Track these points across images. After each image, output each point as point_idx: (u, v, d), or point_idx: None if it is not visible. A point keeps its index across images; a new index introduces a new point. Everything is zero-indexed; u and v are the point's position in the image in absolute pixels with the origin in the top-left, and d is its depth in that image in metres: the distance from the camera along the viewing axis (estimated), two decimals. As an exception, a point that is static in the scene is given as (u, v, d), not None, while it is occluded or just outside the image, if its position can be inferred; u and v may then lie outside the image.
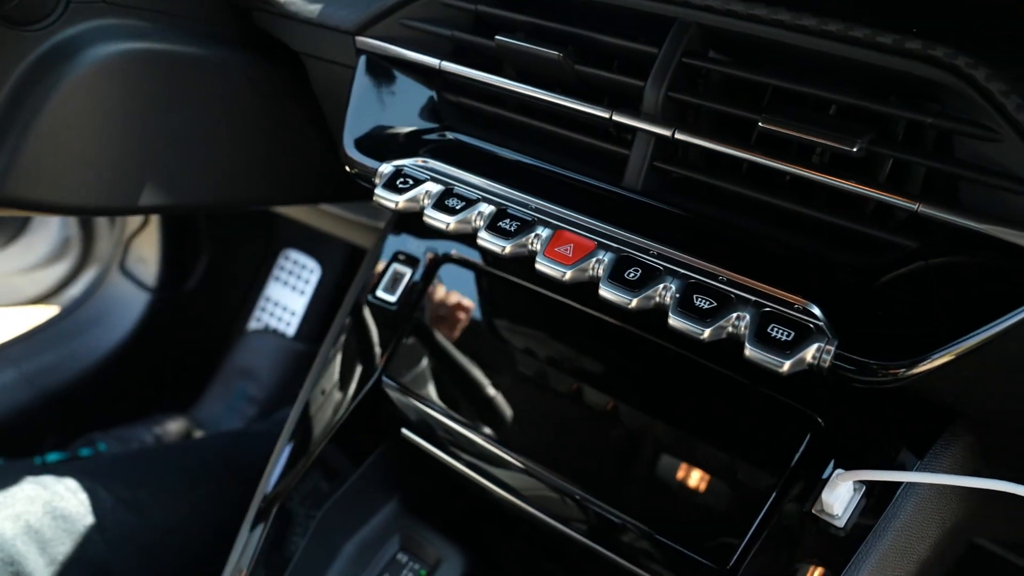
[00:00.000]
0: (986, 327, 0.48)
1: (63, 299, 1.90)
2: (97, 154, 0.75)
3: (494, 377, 0.76)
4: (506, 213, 0.60)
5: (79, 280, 1.92)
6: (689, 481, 0.67)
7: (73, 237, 1.91)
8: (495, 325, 0.79)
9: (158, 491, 0.98)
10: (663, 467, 0.67)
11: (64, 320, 1.76)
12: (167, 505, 0.97)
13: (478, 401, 0.76)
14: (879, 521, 0.60)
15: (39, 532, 0.85)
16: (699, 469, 0.66)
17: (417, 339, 0.81)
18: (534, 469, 0.71)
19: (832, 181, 0.54)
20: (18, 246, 1.90)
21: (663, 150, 0.62)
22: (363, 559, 0.87)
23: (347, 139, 0.70)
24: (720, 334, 0.52)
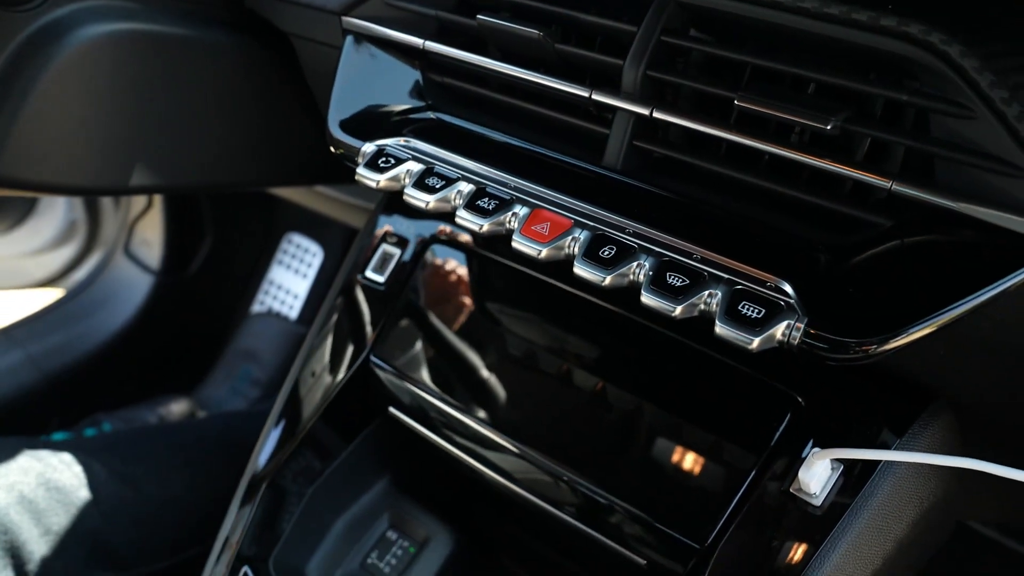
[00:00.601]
0: (957, 304, 0.48)
1: (69, 282, 1.92)
2: (87, 134, 0.75)
3: (480, 357, 0.76)
4: (485, 192, 0.61)
5: (85, 263, 1.93)
6: (671, 460, 0.67)
7: (79, 220, 1.92)
8: (483, 305, 0.79)
9: (153, 466, 0.99)
10: (646, 447, 0.68)
11: (70, 302, 1.77)
12: (161, 480, 0.98)
13: (464, 380, 0.76)
14: (856, 500, 0.60)
15: (33, 503, 0.86)
16: (681, 449, 0.67)
17: (405, 319, 0.81)
18: (517, 448, 0.72)
19: (807, 159, 0.54)
20: (25, 229, 1.92)
21: (643, 129, 0.62)
22: (353, 536, 0.88)
23: (332, 119, 0.70)
24: (692, 311, 0.53)
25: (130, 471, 0.97)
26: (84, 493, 0.91)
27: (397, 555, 0.87)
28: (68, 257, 1.94)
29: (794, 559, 0.60)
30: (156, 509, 0.97)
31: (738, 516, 0.63)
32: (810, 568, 0.60)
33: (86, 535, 0.89)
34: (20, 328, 1.70)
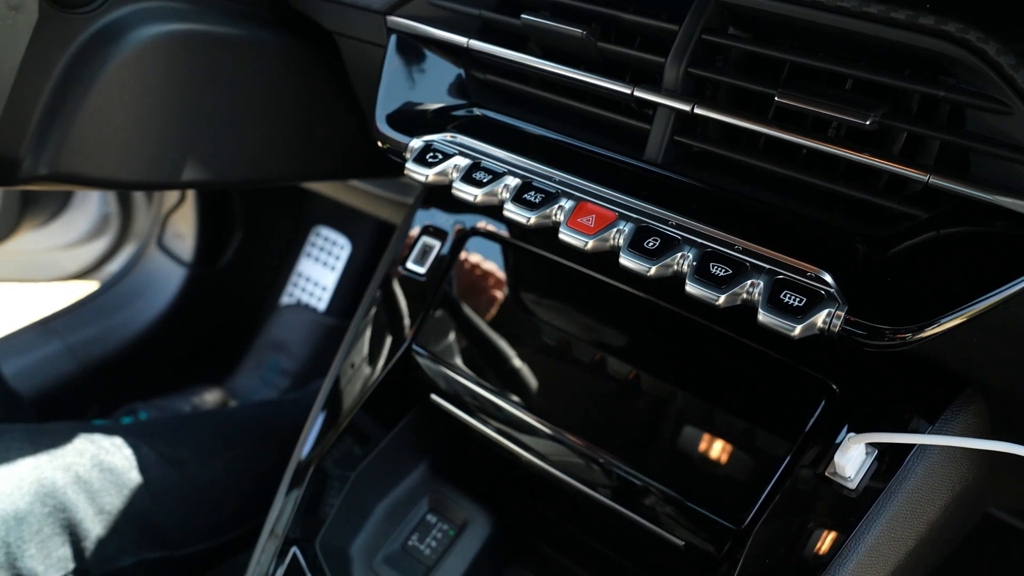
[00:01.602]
0: (992, 293, 0.50)
1: (102, 274, 1.96)
2: (143, 131, 0.78)
3: (519, 345, 0.79)
4: (531, 186, 0.63)
5: (118, 256, 1.97)
6: (707, 445, 0.69)
7: (112, 214, 1.96)
8: (520, 295, 0.81)
9: (196, 450, 1.02)
10: (682, 431, 0.70)
11: (105, 294, 1.82)
12: (204, 463, 1.02)
13: (503, 368, 0.79)
14: (890, 483, 0.62)
15: (88, 483, 0.89)
16: (717, 433, 0.69)
17: (446, 309, 0.84)
18: (557, 433, 0.74)
19: (846, 154, 0.56)
20: (59, 223, 1.96)
21: (683, 124, 0.64)
22: (394, 519, 0.91)
23: (379, 115, 0.73)
24: (735, 300, 0.55)
25: (176, 454, 1.00)
26: (135, 475, 0.94)
27: (437, 537, 0.90)
28: (101, 250, 1.98)
29: (830, 540, 0.62)
30: (200, 491, 1.01)
31: (774, 499, 0.65)
32: (845, 549, 0.62)
33: (137, 515, 0.93)
34: (58, 319, 1.74)
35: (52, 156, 0.74)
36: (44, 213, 1.93)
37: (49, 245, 2.00)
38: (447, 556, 0.88)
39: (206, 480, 1.02)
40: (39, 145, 0.74)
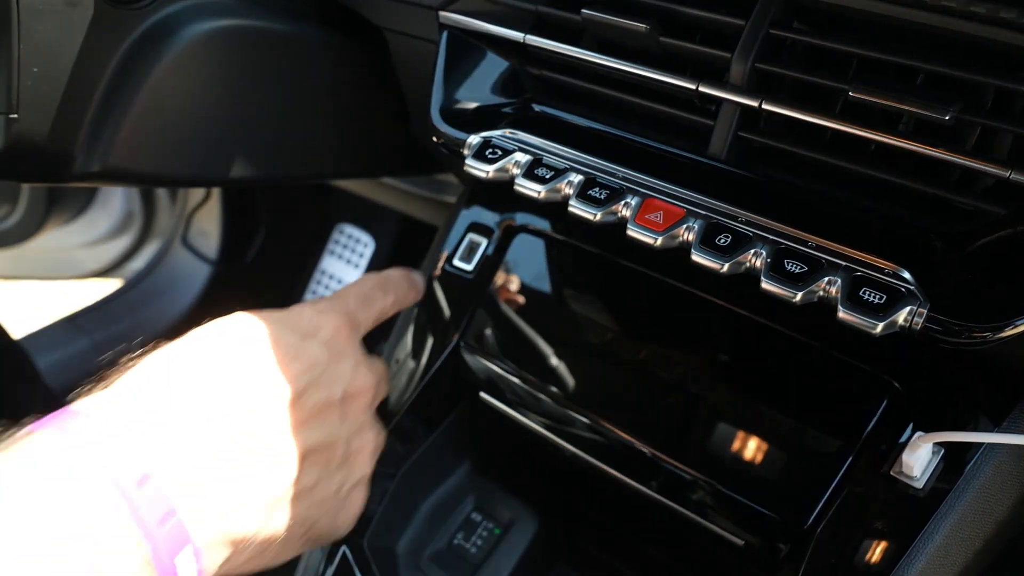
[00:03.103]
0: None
1: (125, 272, 1.96)
2: (193, 127, 0.78)
3: (569, 342, 0.78)
4: (595, 182, 0.62)
5: (140, 254, 1.97)
6: (765, 443, 0.69)
7: (135, 212, 1.96)
8: (568, 292, 0.81)
9: None
10: (739, 429, 0.69)
11: (131, 291, 1.82)
12: None
13: (555, 365, 0.78)
14: (958, 483, 0.61)
15: None
16: (775, 431, 0.68)
17: (493, 306, 0.83)
18: (612, 430, 0.74)
19: (923, 149, 0.55)
20: (83, 220, 1.97)
21: (747, 120, 0.63)
22: (439, 518, 0.90)
23: (434, 112, 0.72)
24: (812, 298, 0.54)
25: None
26: None
27: (483, 536, 0.89)
28: (123, 248, 1.99)
29: (897, 540, 0.62)
30: None
31: (837, 498, 0.65)
32: (914, 549, 0.61)
33: None
34: (84, 316, 1.74)
35: (104, 153, 0.74)
36: (69, 211, 1.93)
37: (72, 243, 2.01)
38: (493, 555, 0.88)
39: None
40: (92, 142, 0.73)
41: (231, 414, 0.51)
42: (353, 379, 0.61)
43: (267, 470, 0.53)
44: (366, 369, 0.64)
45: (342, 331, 0.63)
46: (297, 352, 0.57)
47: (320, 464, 0.58)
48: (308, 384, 0.57)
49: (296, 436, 0.55)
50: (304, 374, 0.57)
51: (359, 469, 0.64)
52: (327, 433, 0.58)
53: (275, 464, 0.53)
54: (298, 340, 0.58)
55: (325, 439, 0.58)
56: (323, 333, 0.61)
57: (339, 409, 0.60)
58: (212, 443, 0.50)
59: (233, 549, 0.51)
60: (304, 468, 0.55)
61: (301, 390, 0.56)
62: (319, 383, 0.58)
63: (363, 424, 0.64)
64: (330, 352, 0.60)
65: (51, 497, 0.43)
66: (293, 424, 0.55)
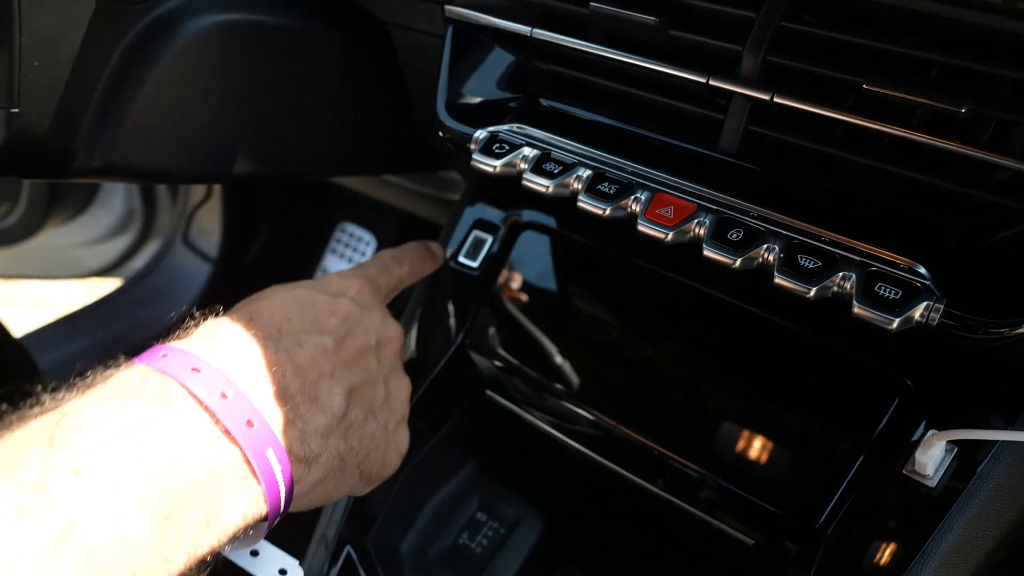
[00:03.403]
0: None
1: (125, 271, 1.96)
2: (196, 123, 0.77)
3: (576, 339, 0.77)
4: (604, 176, 0.61)
5: (141, 253, 1.97)
6: (776, 442, 0.68)
7: (136, 210, 1.96)
8: (575, 289, 0.80)
9: None
10: (750, 428, 0.69)
11: (131, 290, 1.81)
12: None
13: (561, 363, 0.77)
14: (972, 481, 0.61)
15: None
16: (786, 430, 0.68)
17: (499, 303, 0.82)
18: (620, 428, 0.73)
19: (938, 143, 0.54)
20: (84, 219, 1.96)
21: (758, 113, 0.63)
22: (444, 518, 0.89)
23: (440, 107, 0.71)
24: (826, 293, 0.53)
25: None
26: None
27: (488, 536, 0.88)
28: (124, 246, 1.98)
29: (910, 539, 0.61)
30: None
31: (849, 497, 0.64)
32: (928, 548, 0.60)
33: None
34: (85, 315, 1.74)
35: (106, 148, 0.73)
36: (69, 209, 1.92)
37: (73, 241, 2.00)
38: (499, 555, 0.87)
39: None
40: (94, 137, 0.73)
41: (288, 356, 0.58)
42: (383, 328, 0.69)
43: (323, 402, 0.59)
44: (392, 321, 0.72)
45: (367, 290, 0.71)
46: (333, 307, 0.64)
47: (366, 401, 0.65)
48: (346, 333, 0.64)
49: (343, 376, 0.62)
50: (342, 325, 0.64)
51: (399, 408, 0.71)
52: (369, 375, 0.65)
53: (328, 398, 0.60)
54: (331, 299, 0.66)
55: (367, 379, 0.65)
56: (351, 292, 0.69)
57: (375, 354, 0.67)
58: (275, 375, 0.56)
59: (303, 468, 0.57)
60: (352, 404, 0.62)
61: (341, 338, 0.63)
62: (355, 331, 0.65)
63: (396, 368, 0.71)
64: (360, 306, 0.67)
65: (159, 422, 0.49)
66: (340, 365, 0.62)
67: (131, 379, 0.52)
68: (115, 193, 1.93)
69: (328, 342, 0.61)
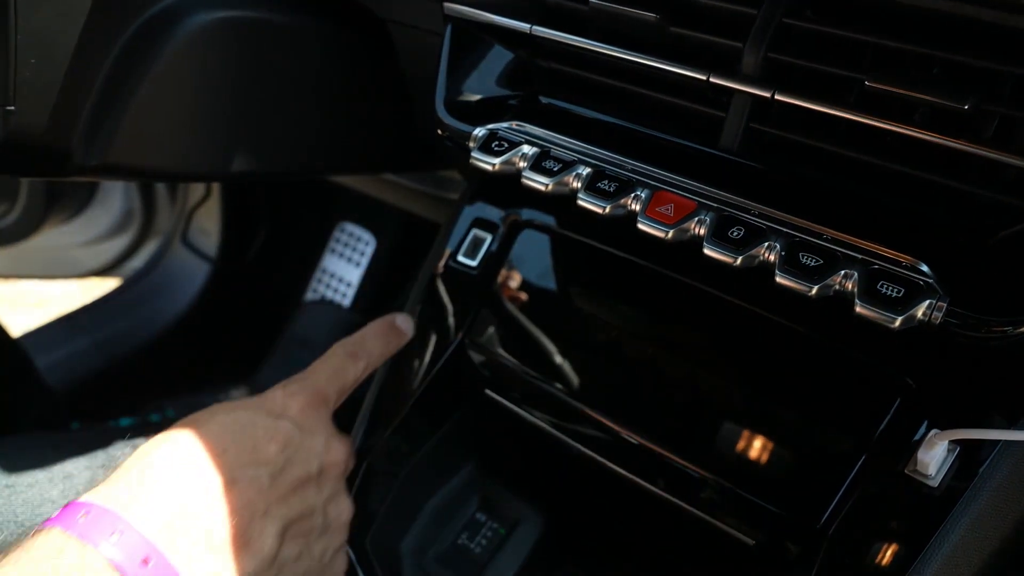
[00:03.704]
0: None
1: (124, 271, 1.96)
2: (195, 121, 0.77)
3: (576, 338, 0.77)
4: (604, 174, 0.61)
5: (140, 252, 1.96)
6: (776, 442, 0.67)
7: (135, 210, 1.95)
8: (575, 287, 0.80)
9: None
10: (750, 428, 0.68)
11: (130, 290, 1.81)
12: None
13: (561, 362, 0.77)
14: (974, 481, 0.60)
15: None
16: (786, 430, 0.67)
17: (499, 302, 0.82)
18: (619, 427, 0.73)
19: (941, 140, 0.54)
20: (82, 219, 1.96)
21: (759, 111, 0.62)
22: (443, 518, 0.89)
23: (439, 105, 0.71)
24: (827, 292, 0.53)
25: None
26: None
27: (487, 536, 0.88)
28: (123, 246, 1.97)
29: (912, 540, 0.60)
30: None
31: (851, 497, 0.63)
32: (930, 548, 0.60)
33: None
34: (84, 314, 1.73)
35: (104, 147, 0.73)
36: (68, 209, 1.92)
37: (72, 241, 2.00)
38: (499, 555, 0.87)
39: None
40: (91, 135, 0.72)
41: (220, 499, 0.56)
42: (326, 452, 0.67)
43: (254, 546, 0.57)
44: (337, 442, 0.69)
45: (311, 407, 0.67)
46: (273, 433, 0.62)
47: (302, 535, 0.62)
48: (286, 462, 0.62)
49: (279, 513, 0.59)
50: (281, 453, 0.62)
51: (337, 537, 0.69)
52: (306, 506, 0.63)
53: (260, 540, 0.57)
54: (272, 421, 0.63)
55: (304, 511, 0.62)
56: (293, 411, 0.66)
57: (315, 482, 0.65)
58: (204, 524, 0.54)
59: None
60: (286, 541, 0.60)
61: (280, 469, 0.61)
62: (294, 460, 0.62)
63: (337, 493, 0.69)
64: (302, 430, 0.65)
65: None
66: (276, 500, 0.60)
67: (48, 549, 0.49)
68: (113, 193, 1.93)
69: (264, 477, 0.59)
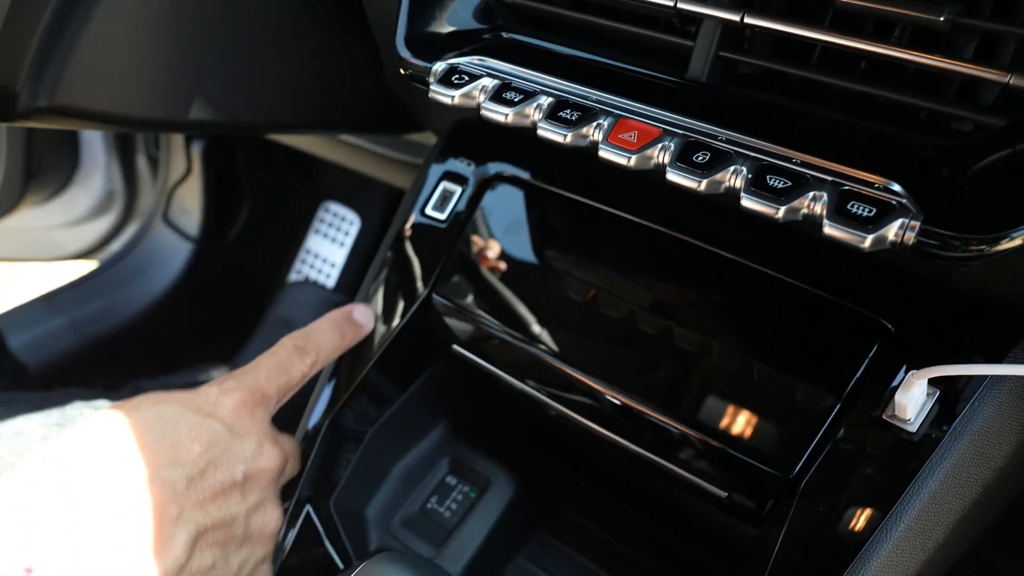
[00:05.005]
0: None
1: (106, 254, 1.92)
2: (147, 62, 0.74)
3: (546, 291, 0.74)
4: (567, 103, 0.58)
5: (122, 235, 1.93)
6: (750, 391, 0.65)
7: (117, 191, 1.92)
8: (546, 240, 0.77)
9: None
10: (723, 377, 0.65)
11: (110, 269, 1.78)
12: None
13: (529, 315, 0.74)
14: (954, 425, 0.57)
15: None
16: (760, 379, 0.64)
17: (467, 256, 0.79)
18: (588, 381, 0.70)
19: (917, 58, 0.51)
20: (62, 199, 1.92)
21: (729, 38, 0.59)
22: (412, 481, 0.86)
23: (399, 41, 0.68)
24: (795, 215, 0.50)
25: None
26: None
27: (457, 500, 0.85)
28: (105, 229, 1.94)
29: (889, 487, 0.58)
30: None
31: (826, 445, 0.61)
32: (907, 496, 0.57)
33: None
34: (62, 295, 1.70)
35: (52, 86, 0.70)
36: (47, 189, 1.89)
37: (51, 223, 1.96)
38: (468, 519, 0.84)
39: None
40: (38, 75, 0.69)
41: (130, 500, 0.52)
42: (256, 458, 0.62)
43: (162, 553, 0.53)
44: (271, 447, 0.64)
45: (245, 407, 0.63)
46: (198, 432, 0.58)
47: (218, 545, 0.58)
48: (208, 464, 0.57)
49: (192, 518, 0.55)
50: (204, 455, 0.57)
51: (260, 548, 0.63)
52: (226, 514, 0.58)
53: (168, 547, 0.53)
54: (200, 420, 0.59)
55: (223, 519, 0.58)
56: (224, 410, 0.61)
57: (240, 489, 0.60)
58: (101, 531, 0.50)
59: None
60: (200, 549, 0.56)
61: (200, 471, 0.56)
62: (219, 463, 0.58)
63: (264, 502, 0.63)
64: (231, 431, 0.60)
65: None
66: (191, 506, 0.55)
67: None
68: (94, 172, 1.90)
69: (181, 480, 0.55)
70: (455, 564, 0.80)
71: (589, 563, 0.82)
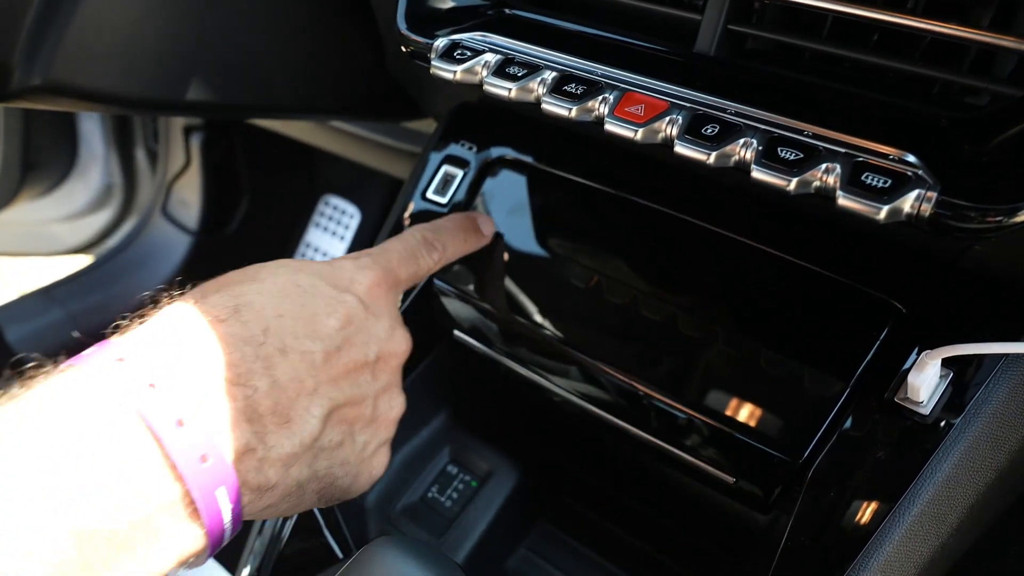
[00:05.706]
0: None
1: (103, 248, 1.91)
2: (142, 41, 0.72)
3: (548, 275, 0.73)
4: (572, 77, 0.57)
5: (121, 229, 1.92)
6: (758, 375, 0.63)
7: (115, 185, 1.91)
8: (549, 223, 0.76)
9: None
10: (731, 361, 0.64)
11: (108, 263, 1.76)
12: None
13: (532, 300, 0.73)
14: (968, 407, 0.56)
15: None
16: (769, 363, 0.63)
17: (469, 241, 0.78)
18: (594, 366, 0.68)
19: (934, 27, 0.50)
20: (60, 193, 1.91)
21: (737, 11, 0.58)
22: (413, 470, 0.85)
23: (400, 19, 0.67)
24: (807, 187, 0.48)
25: None
26: None
27: (459, 489, 0.84)
28: (103, 223, 1.93)
29: (901, 472, 0.56)
30: None
31: (836, 430, 0.59)
32: (920, 480, 0.56)
33: None
34: (60, 288, 1.69)
35: (46, 64, 0.68)
36: (45, 182, 1.87)
37: (49, 216, 1.95)
38: (469, 509, 0.82)
39: None
40: (32, 52, 0.68)
41: (267, 367, 0.50)
42: (388, 340, 0.59)
43: (294, 426, 0.51)
44: (401, 330, 0.62)
45: (381, 287, 0.60)
46: (335, 306, 0.55)
47: (347, 423, 0.56)
48: (343, 341, 0.55)
49: (326, 394, 0.53)
50: (340, 331, 0.55)
51: (384, 431, 0.61)
52: (357, 392, 0.56)
53: (302, 421, 0.51)
54: (336, 294, 0.56)
55: (354, 398, 0.56)
56: (361, 288, 0.58)
57: (371, 370, 0.58)
58: (246, 391, 0.48)
59: (254, 495, 0.50)
60: (329, 426, 0.54)
61: (336, 347, 0.54)
62: (353, 341, 0.56)
63: (391, 385, 0.61)
64: (367, 310, 0.58)
65: (85, 440, 0.42)
66: (326, 381, 0.53)
67: (74, 390, 0.44)
68: (93, 165, 1.88)
69: (318, 353, 0.53)
70: (456, 554, 0.79)
71: (592, 553, 0.81)
